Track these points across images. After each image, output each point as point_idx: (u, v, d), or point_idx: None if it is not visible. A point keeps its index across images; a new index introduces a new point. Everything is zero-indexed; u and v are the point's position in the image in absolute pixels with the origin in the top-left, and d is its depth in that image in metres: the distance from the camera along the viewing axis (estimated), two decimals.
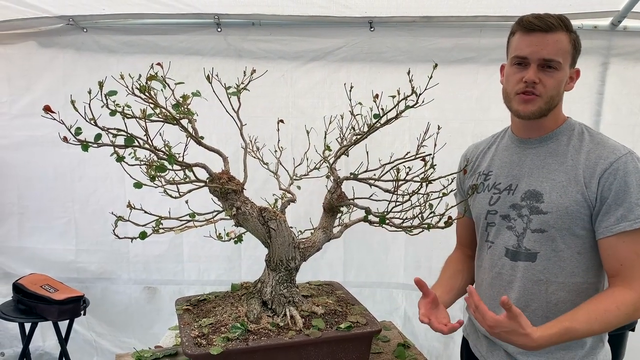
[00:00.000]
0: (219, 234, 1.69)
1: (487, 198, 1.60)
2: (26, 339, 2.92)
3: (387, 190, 1.58)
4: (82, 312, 2.91)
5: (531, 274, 1.50)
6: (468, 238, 1.80)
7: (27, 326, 2.93)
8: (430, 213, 1.57)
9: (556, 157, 1.50)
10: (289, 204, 1.71)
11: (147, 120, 1.35)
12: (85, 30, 2.97)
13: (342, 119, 1.72)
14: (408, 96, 1.45)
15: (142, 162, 1.44)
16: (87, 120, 1.26)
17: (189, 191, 1.48)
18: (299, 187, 1.79)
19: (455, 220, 1.60)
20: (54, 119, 1.24)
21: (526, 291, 1.51)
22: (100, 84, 1.27)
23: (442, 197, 1.56)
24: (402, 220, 1.61)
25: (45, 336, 3.28)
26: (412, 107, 1.46)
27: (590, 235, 1.45)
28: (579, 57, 1.53)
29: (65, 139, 1.26)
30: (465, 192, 1.73)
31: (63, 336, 2.98)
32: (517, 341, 1.31)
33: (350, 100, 1.63)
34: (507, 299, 1.27)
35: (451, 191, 1.60)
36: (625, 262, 1.40)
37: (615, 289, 1.41)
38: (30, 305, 2.83)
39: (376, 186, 1.59)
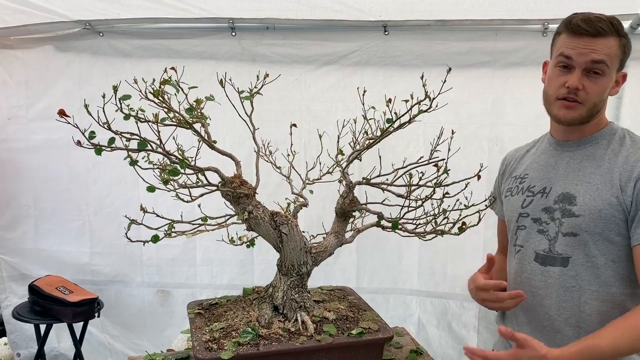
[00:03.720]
0: (232, 237, 1.68)
1: (520, 201, 1.55)
2: (41, 340, 2.95)
3: (399, 195, 1.57)
4: (96, 314, 2.93)
5: (563, 280, 1.43)
6: (507, 242, 1.72)
7: (43, 327, 2.96)
8: (444, 219, 1.55)
9: (593, 161, 1.44)
10: (301, 209, 1.71)
11: (160, 124, 1.36)
12: (101, 34, 3.00)
13: (355, 123, 1.71)
14: (421, 101, 1.44)
15: (155, 166, 1.44)
16: (100, 125, 1.26)
17: (201, 195, 1.48)
18: (311, 192, 1.79)
19: (467, 227, 1.58)
20: (69, 123, 1.25)
21: (558, 298, 1.44)
22: (115, 88, 1.28)
23: (456, 202, 1.55)
24: (415, 226, 1.60)
25: (60, 337, 3.30)
26: (426, 111, 1.44)
27: (626, 242, 1.37)
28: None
29: (79, 143, 1.27)
30: (501, 196, 1.69)
31: (77, 338, 3.00)
32: None
33: (363, 104, 1.63)
34: (505, 328, 1.22)
35: (472, 205, 1.58)
36: None
37: None
38: (45, 306, 2.86)
39: (389, 191, 1.58)
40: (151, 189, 1.40)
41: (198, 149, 1.48)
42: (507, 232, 1.63)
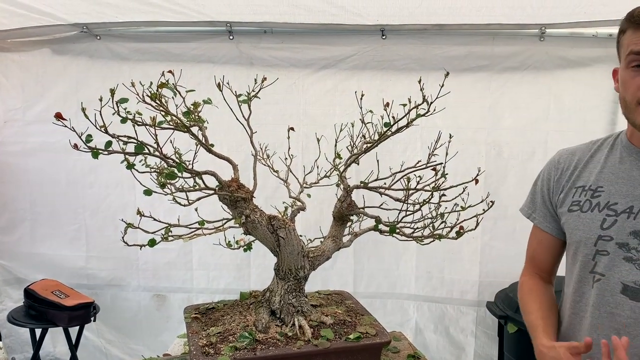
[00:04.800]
0: (229, 241, 1.68)
1: (599, 220, 1.33)
2: (37, 344, 2.94)
3: (397, 199, 1.56)
4: (92, 319, 2.91)
5: None
6: (549, 262, 1.54)
7: (38, 332, 2.94)
8: (441, 223, 1.55)
9: None
10: (299, 212, 1.70)
11: (157, 128, 1.35)
12: (98, 37, 3.00)
13: (352, 127, 1.70)
14: (419, 105, 1.43)
15: (152, 170, 1.44)
16: (97, 128, 1.26)
17: (199, 199, 1.47)
18: (309, 195, 1.78)
19: (465, 231, 1.55)
20: (65, 126, 1.25)
21: None
22: (112, 92, 1.27)
23: (454, 207, 1.55)
24: (412, 230, 1.59)
25: (55, 342, 3.29)
26: (424, 115, 1.44)
27: None
28: (598, 64, 1.39)
29: (75, 146, 1.27)
30: (555, 207, 1.48)
31: (73, 342, 2.99)
32: None
33: (361, 108, 1.62)
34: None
35: (468, 207, 1.55)
36: None
37: None
38: (41, 310, 2.85)
39: (387, 195, 1.57)
40: (148, 192, 1.40)
41: (195, 153, 1.47)
42: (572, 254, 1.43)
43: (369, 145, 1.60)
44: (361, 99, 1.62)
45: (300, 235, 1.59)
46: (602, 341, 1.13)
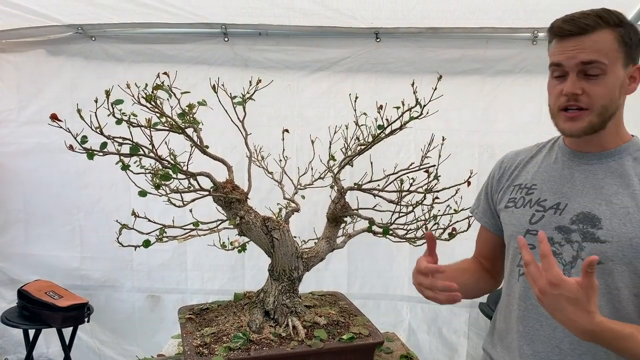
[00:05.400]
0: (223, 243, 1.69)
1: (528, 215, 1.37)
2: (30, 345, 2.93)
3: (391, 201, 1.58)
4: (86, 319, 2.91)
5: None
6: (488, 256, 1.59)
7: (31, 332, 2.93)
8: (434, 224, 1.56)
9: (619, 179, 1.27)
10: (293, 214, 1.71)
11: (152, 129, 1.36)
12: (93, 38, 3.00)
13: (347, 129, 1.72)
14: (412, 107, 1.45)
15: (147, 171, 1.44)
16: (92, 129, 1.27)
17: (193, 200, 1.48)
18: (303, 197, 1.79)
19: (457, 233, 1.58)
20: (61, 127, 1.26)
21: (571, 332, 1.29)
22: (107, 93, 1.28)
23: (447, 208, 1.56)
24: (406, 231, 1.61)
25: (49, 343, 3.28)
26: (417, 118, 1.46)
27: None
28: None
29: (71, 147, 1.28)
30: (495, 204, 1.51)
31: (67, 343, 2.98)
32: (573, 316, 1.07)
33: (355, 110, 1.64)
34: (596, 259, 1.04)
35: (462, 209, 1.57)
36: None
37: None
38: (34, 311, 2.84)
39: (380, 197, 1.59)
40: (143, 193, 1.41)
41: (190, 154, 1.48)
42: (507, 249, 1.46)
43: (362, 147, 1.62)
44: (355, 101, 1.63)
45: (295, 237, 1.60)
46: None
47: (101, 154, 1.30)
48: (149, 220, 1.48)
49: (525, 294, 1.35)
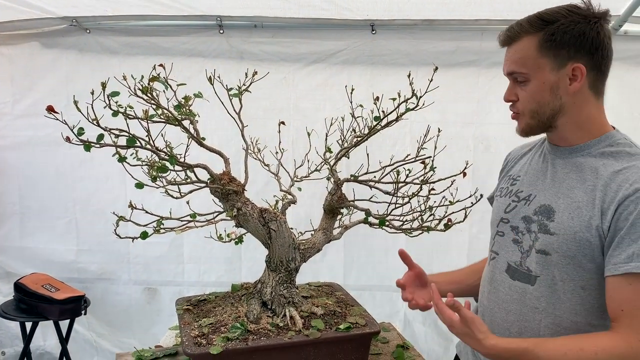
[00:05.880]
0: (220, 234, 1.69)
1: (505, 204, 1.46)
2: (27, 338, 2.93)
3: (387, 193, 1.59)
4: (82, 312, 2.91)
5: (528, 299, 1.34)
6: None
7: (28, 325, 2.94)
8: (430, 215, 1.57)
9: (580, 173, 1.30)
10: (290, 206, 1.72)
11: (149, 121, 1.36)
12: (88, 31, 2.99)
13: (343, 121, 1.72)
14: (408, 99, 1.46)
15: (143, 163, 1.45)
16: (89, 121, 1.27)
17: (190, 192, 1.49)
18: (299, 189, 1.80)
19: (453, 224, 1.59)
20: (57, 119, 1.25)
21: (522, 317, 1.35)
22: (103, 85, 1.28)
23: (442, 199, 1.57)
24: (402, 223, 1.62)
25: (46, 336, 3.28)
26: (413, 109, 1.46)
27: (599, 270, 1.24)
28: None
29: (68, 139, 1.28)
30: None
31: (64, 336, 2.99)
32: (470, 344, 1.27)
33: (351, 102, 1.64)
34: (453, 300, 1.23)
35: (457, 201, 1.58)
36: (626, 308, 1.18)
37: (606, 333, 1.22)
38: (31, 304, 2.84)
39: (376, 188, 1.59)
40: (140, 185, 1.41)
41: (187, 146, 1.48)
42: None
43: (359, 139, 1.62)
44: (351, 93, 1.64)
45: (291, 228, 1.61)
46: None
47: (98, 145, 1.30)
48: (147, 212, 1.48)
49: (492, 278, 1.47)
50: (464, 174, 1.60)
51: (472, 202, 1.64)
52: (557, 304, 1.30)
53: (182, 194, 1.49)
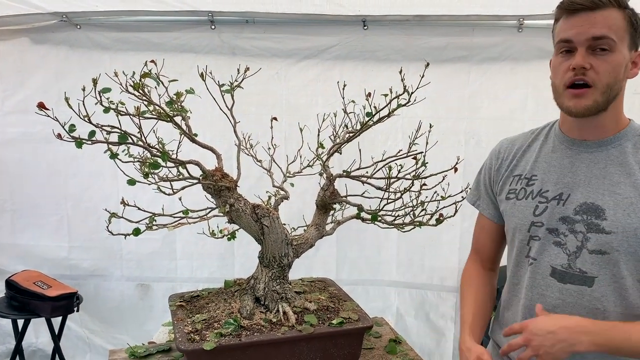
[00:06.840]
0: (212, 231, 1.69)
1: (532, 207, 1.39)
2: (19, 335, 2.92)
3: (379, 188, 1.60)
4: (75, 309, 2.91)
5: (586, 301, 1.30)
6: (492, 248, 1.61)
7: (20, 323, 2.92)
8: (422, 210, 1.58)
9: (620, 167, 1.28)
10: (282, 201, 1.72)
11: (140, 118, 1.36)
12: (78, 27, 2.96)
13: (335, 116, 1.73)
14: (400, 95, 1.46)
15: (135, 159, 1.44)
16: (81, 118, 1.26)
17: (183, 188, 1.48)
18: (292, 185, 1.80)
19: (444, 218, 1.60)
20: (48, 116, 1.25)
21: None
22: (94, 81, 1.27)
23: (434, 194, 1.58)
24: (394, 218, 1.63)
25: (38, 333, 3.27)
26: (404, 105, 1.47)
27: None
28: None
29: (59, 136, 1.27)
30: (496, 195, 1.54)
31: (56, 333, 2.98)
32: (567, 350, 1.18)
33: (343, 98, 1.65)
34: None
35: (449, 196, 1.58)
36: None
37: None
38: (23, 301, 2.83)
39: (369, 184, 1.60)
40: (132, 182, 1.40)
41: (179, 142, 1.48)
42: (511, 240, 1.49)
43: (351, 134, 1.63)
44: (343, 89, 1.64)
45: (284, 224, 1.61)
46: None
47: (89, 142, 1.30)
48: (139, 209, 1.48)
49: (532, 284, 1.40)
50: (455, 169, 1.61)
51: (462, 197, 1.65)
52: (618, 301, 1.28)
53: (175, 191, 1.49)
